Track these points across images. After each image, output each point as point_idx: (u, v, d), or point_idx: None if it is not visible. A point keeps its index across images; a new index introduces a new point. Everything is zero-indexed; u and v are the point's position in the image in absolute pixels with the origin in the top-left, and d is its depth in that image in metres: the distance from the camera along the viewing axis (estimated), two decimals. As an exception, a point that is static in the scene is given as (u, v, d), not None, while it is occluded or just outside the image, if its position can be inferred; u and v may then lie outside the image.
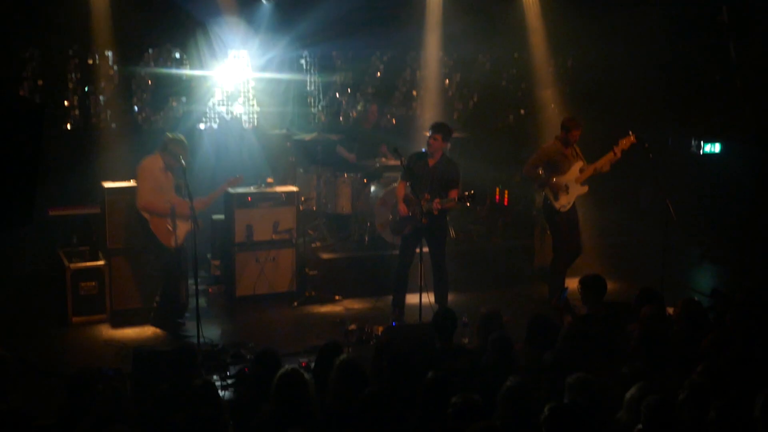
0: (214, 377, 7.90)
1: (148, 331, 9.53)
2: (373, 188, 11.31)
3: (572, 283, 9.78)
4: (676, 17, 12.85)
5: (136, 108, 11.55)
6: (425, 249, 9.55)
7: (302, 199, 11.13)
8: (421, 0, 12.69)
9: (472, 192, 9.48)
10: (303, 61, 12.50)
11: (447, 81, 13.47)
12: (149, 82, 11.57)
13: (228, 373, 8.06)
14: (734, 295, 7.83)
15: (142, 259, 9.92)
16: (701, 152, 13.26)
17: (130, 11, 11.22)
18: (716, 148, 13.22)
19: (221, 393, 7.53)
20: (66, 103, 11.23)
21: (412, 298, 9.67)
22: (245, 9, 11.73)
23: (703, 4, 12.99)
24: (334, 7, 12.14)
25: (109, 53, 11.25)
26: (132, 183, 9.92)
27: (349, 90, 12.81)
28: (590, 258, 11.15)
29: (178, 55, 11.64)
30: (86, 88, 11.24)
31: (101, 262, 9.82)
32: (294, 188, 10.94)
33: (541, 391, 5.89)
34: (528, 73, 13.80)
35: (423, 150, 9.80)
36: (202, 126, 11.98)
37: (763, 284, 10.45)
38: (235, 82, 12.04)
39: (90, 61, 11.20)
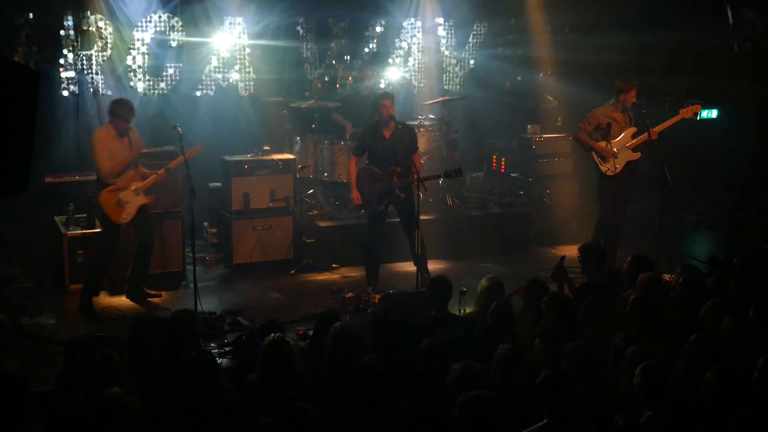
0: (212, 345, 7.91)
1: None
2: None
3: (568, 251, 9.80)
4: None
5: (131, 74, 11.45)
6: (424, 216, 9.49)
7: (299, 167, 11.08)
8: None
9: (458, 167, 9.63)
10: (299, 28, 12.38)
11: (444, 48, 13.36)
12: (145, 48, 11.46)
13: (226, 341, 8.05)
14: (732, 261, 7.79)
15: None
16: (698, 118, 13.19)
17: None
18: (713, 113, 13.14)
19: (219, 360, 7.57)
20: (61, 69, 11.12)
21: (408, 266, 9.66)
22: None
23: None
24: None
25: (105, 19, 11.13)
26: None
27: (345, 57, 12.70)
28: (587, 226, 11.12)
29: (173, 22, 11.51)
30: (81, 55, 11.13)
31: (98, 230, 9.77)
32: (291, 156, 10.90)
33: (538, 358, 5.89)
34: (525, 39, 13.69)
35: (377, 120, 9.54)
36: (198, 93, 11.89)
37: (760, 250, 10.43)
38: (231, 48, 11.94)
39: (85, 27, 11.08)
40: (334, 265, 10.61)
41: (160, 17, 11.44)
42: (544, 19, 13.48)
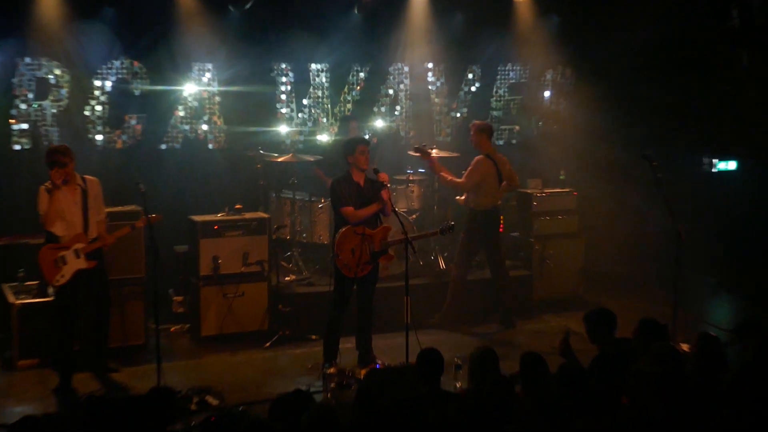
0: (177, 427, 7.78)
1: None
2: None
3: (574, 319, 9.72)
4: (683, 24, 12.84)
5: (89, 126, 11.45)
6: (414, 281, 9.42)
7: (275, 227, 11.04)
8: (405, 6, 12.68)
9: (452, 223, 9.71)
10: (274, 74, 12.43)
11: (434, 95, 13.42)
12: (105, 97, 11.49)
13: (193, 423, 7.92)
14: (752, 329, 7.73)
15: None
16: (714, 170, 13.26)
17: (85, 21, 11.16)
18: (731, 165, 13.22)
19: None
20: (12, 121, 11.11)
21: (398, 337, 9.56)
22: (210, 18, 11.68)
23: (711, 8, 12.99)
24: (309, 15, 12.13)
25: (62, 66, 11.17)
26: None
27: (326, 105, 12.75)
28: (595, 289, 11.07)
29: (137, 69, 11.56)
30: (36, 105, 11.14)
31: (51, 299, 9.66)
32: (265, 215, 10.86)
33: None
34: (520, 86, 13.80)
35: (347, 170, 9.39)
36: (163, 146, 11.90)
37: None
38: (200, 97, 11.97)
39: (40, 75, 11.11)
40: (314, 337, 10.47)
41: (122, 63, 11.51)
42: (542, 64, 13.59)
